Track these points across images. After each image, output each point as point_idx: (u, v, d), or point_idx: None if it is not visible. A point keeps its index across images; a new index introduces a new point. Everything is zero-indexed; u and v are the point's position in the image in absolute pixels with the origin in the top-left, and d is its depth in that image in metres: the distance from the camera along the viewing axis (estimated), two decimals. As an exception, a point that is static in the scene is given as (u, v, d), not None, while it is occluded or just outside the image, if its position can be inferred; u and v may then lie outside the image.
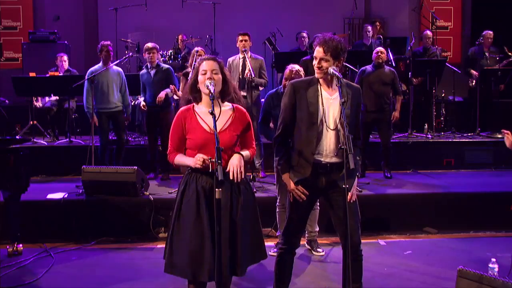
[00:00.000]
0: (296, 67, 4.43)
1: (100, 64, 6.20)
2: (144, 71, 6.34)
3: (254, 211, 2.99)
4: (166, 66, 6.33)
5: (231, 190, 2.88)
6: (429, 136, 7.65)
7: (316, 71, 3.06)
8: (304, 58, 6.33)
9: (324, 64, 3.02)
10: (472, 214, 5.51)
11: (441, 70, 7.87)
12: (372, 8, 10.68)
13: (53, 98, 7.71)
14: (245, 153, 2.97)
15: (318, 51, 3.03)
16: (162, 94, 6.04)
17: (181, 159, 2.95)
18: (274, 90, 4.62)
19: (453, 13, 10.50)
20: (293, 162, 3.15)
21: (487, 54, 8.25)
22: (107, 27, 9.65)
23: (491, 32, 8.26)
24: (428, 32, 8.51)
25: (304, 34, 8.67)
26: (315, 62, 3.05)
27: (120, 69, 6.36)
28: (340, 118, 3.03)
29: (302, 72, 4.40)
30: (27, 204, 5.02)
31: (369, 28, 8.79)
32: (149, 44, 6.26)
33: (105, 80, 6.14)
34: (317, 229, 4.67)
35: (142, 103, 6.19)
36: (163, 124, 6.19)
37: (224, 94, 2.96)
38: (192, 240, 2.80)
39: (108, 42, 6.22)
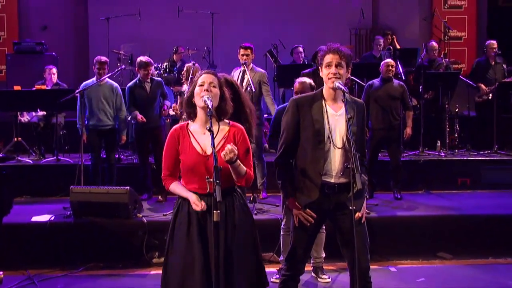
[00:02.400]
0: (307, 79, 4.48)
1: (94, 78, 6.30)
2: (134, 84, 6.37)
3: (252, 235, 3.00)
4: (158, 78, 6.46)
5: (226, 211, 2.89)
6: (442, 154, 7.68)
7: (330, 80, 3.06)
8: (304, 71, 6.37)
9: (340, 71, 3.05)
10: (491, 238, 5.51)
11: (454, 84, 7.92)
12: (380, 17, 10.80)
13: (40, 113, 7.74)
14: (242, 166, 2.91)
15: (334, 57, 3.06)
16: (167, 111, 6.18)
17: (177, 189, 2.96)
18: (285, 105, 4.68)
19: (468, 22, 10.56)
20: (299, 184, 3.17)
21: (492, 64, 8.31)
22: (99, 38, 9.76)
23: (494, 42, 8.35)
24: (434, 43, 8.57)
25: (301, 49, 8.74)
26: (330, 70, 3.04)
27: (115, 83, 6.44)
28: (346, 135, 3.06)
29: (314, 85, 4.44)
30: (10, 227, 5.01)
31: (381, 40, 8.85)
32: (143, 59, 6.33)
33: (97, 96, 6.23)
34: (323, 255, 4.67)
35: (139, 115, 6.20)
36: (155, 140, 6.24)
37: (220, 112, 2.95)
38: (184, 268, 2.82)
39: (105, 60, 6.33)
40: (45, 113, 7.72)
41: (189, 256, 2.82)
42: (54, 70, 7.95)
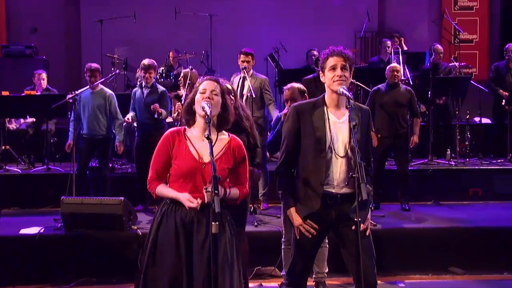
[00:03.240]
0: (296, 84, 4.51)
1: (88, 86, 6.35)
2: (137, 89, 6.48)
3: (235, 248, 2.98)
4: (162, 88, 6.47)
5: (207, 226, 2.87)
6: (452, 162, 7.70)
7: (336, 82, 3.08)
8: (306, 77, 6.41)
9: (346, 73, 3.09)
10: (505, 252, 5.52)
11: (465, 89, 7.94)
12: (386, 20, 10.86)
13: (29, 120, 7.78)
14: (233, 190, 2.97)
15: (338, 60, 3.09)
16: (157, 106, 6.13)
17: (166, 191, 2.96)
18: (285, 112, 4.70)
19: (479, 24, 10.62)
20: (300, 194, 3.19)
21: None
22: (91, 41, 9.82)
23: None
24: (438, 46, 8.58)
25: (315, 52, 8.80)
26: (336, 73, 3.08)
27: (109, 91, 6.48)
28: (350, 144, 3.09)
29: (303, 89, 4.47)
30: (-2, 240, 5.03)
31: (389, 43, 8.88)
32: (146, 62, 6.37)
33: (90, 104, 6.27)
34: (326, 269, 4.68)
35: (128, 116, 6.23)
36: (152, 150, 6.25)
37: (221, 121, 2.99)
38: (171, 283, 2.82)
39: (96, 67, 6.36)
40: (34, 119, 7.77)
41: (177, 270, 2.82)
42: (44, 75, 7.99)
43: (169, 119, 6.47)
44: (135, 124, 6.44)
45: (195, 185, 2.88)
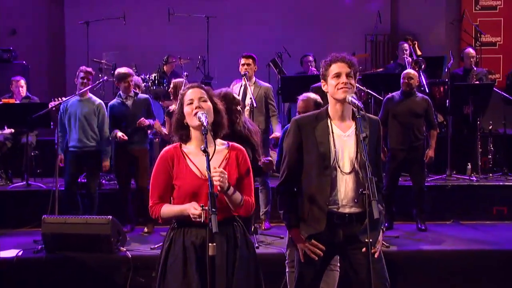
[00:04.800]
0: (312, 95, 4.55)
1: (75, 94, 6.37)
2: (115, 101, 6.46)
3: (255, 273, 3.06)
4: (144, 95, 6.52)
5: (227, 247, 2.95)
6: (474, 178, 7.72)
7: (341, 90, 3.12)
8: (314, 85, 6.45)
9: (351, 80, 3.13)
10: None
11: (487, 97, 7.95)
12: (399, 21, 10.90)
13: (7, 131, 7.78)
14: (238, 193, 2.97)
15: (342, 66, 3.13)
16: (144, 120, 6.18)
17: (169, 208, 2.98)
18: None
19: (503, 26, 10.60)
20: (304, 214, 3.22)
21: None
22: (77, 45, 9.88)
23: None
24: (471, 50, 8.63)
25: (311, 58, 8.85)
26: (340, 80, 3.11)
27: (98, 100, 6.51)
28: (357, 158, 3.12)
29: (319, 101, 4.51)
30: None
31: (406, 46, 8.89)
32: (121, 70, 6.42)
33: (78, 113, 6.29)
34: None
35: (119, 133, 6.26)
36: (137, 164, 6.30)
37: (217, 127, 3.03)
38: None
39: (90, 70, 6.40)
40: (13, 131, 7.78)
41: None
42: (23, 82, 8.01)
43: (165, 132, 6.48)
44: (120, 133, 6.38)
45: (204, 204, 2.86)
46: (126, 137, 6.22)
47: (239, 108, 4.18)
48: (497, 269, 5.57)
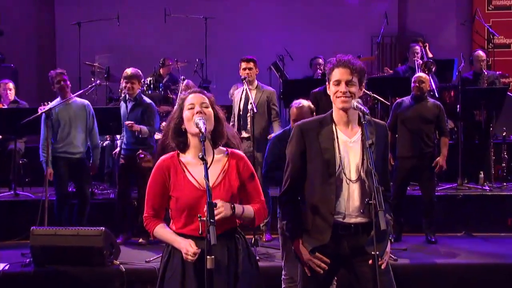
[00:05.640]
0: (305, 102, 4.59)
1: (58, 98, 6.37)
2: (122, 103, 6.62)
3: (258, 286, 3.06)
4: (148, 100, 6.57)
5: (228, 259, 2.96)
6: (487, 187, 7.72)
7: (341, 99, 3.13)
8: (314, 90, 6.46)
9: (351, 89, 3.12)
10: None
11: (500, 102, 7.96)
12: (408, 22, 10.94)
13: (-7, 138, 7.83)
14: (246, 208, 3.01)
15: (343, 73, 3.13)
16: (136, 125, 6.22)
17: (164, 234, 3.01)
18: (281, 131, 4.76)
19: (517, 26, 10.65)
20: (307, 225, 3.22)
21: None
22: (68, 47, 9.92)
23: None
24: (481, 53, 8.63)
25: (321, 60, 8.86)
26: (341, 88, 3.12)
27: (86, 101, 6.56)
28: (363, 166, 3.13)
29: (313, 108, 4.57)
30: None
31: (418, 48, 8.87)
32: (129, 70, 6.47)
33: (65, 118, 6.31)
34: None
35: (117, 149, 6.29)
36: (141, 170, 6.32)
37: (216, 136, 3.04)
38: None
39: (60, 70, 6.39)
40: (0, 137, 7.79)
41: None
42: (11, 85, 8.03)
43: (157, 136, 6.51)
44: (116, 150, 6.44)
45: (203, 216, 2.88)
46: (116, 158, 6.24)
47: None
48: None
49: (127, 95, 6.50)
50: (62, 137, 6.31)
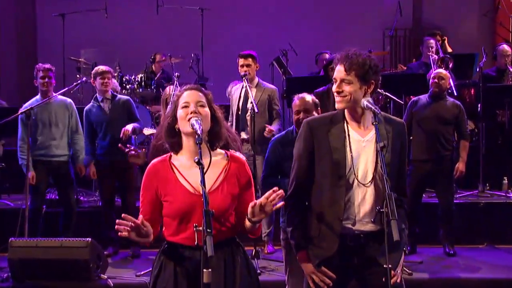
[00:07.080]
0: (309, 96, 4.61)
1: (38, 96, 6.37)
2: (91, 106, 6.49)
3: None
4: (125, 97, 6.58)
5: (225, 272, 2.96)
6: (511, 194, 7.72)
7: (336, 99, 3.16)
8: (317, 90, 6.47)
9: (346, 88, 3.11)
10: None
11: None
12: (423, 14, 10.95)
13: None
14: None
15: (339, 71, 3.15)
16: (128, 127, 6.21)
17: None
18: (283, 133, 4.77)
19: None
20: (312, 232, 3.23)
21: None
22: (50, 41, 9.95)
23: None
24: (506, 47, 8.62)
25: (327, 56, 8.86)
26: (334, 86, 3.15)
27: (68, 99, 6.56)
28: (377, 168, 3.12)
29: (317, 102, 4.60)
30: None
31: (432, 42, 8.86)
32: (101, 67, 6.47)
33: (46, 117, 6.32)
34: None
35: (92, 168, 6.36)
36: (121, 178, 6.33)
37: (214, 137, 3.04)
38: None
39: (49, 66, 6.38)
40: (-24, 140, 7.83)
41: None
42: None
43: (148, 131, 6.49)
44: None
45: (196, 222, 2.86)
46: (95, 177, 6.39)
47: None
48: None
49: (98, 96, 6.42)
50: (41, 139, 6.32)
